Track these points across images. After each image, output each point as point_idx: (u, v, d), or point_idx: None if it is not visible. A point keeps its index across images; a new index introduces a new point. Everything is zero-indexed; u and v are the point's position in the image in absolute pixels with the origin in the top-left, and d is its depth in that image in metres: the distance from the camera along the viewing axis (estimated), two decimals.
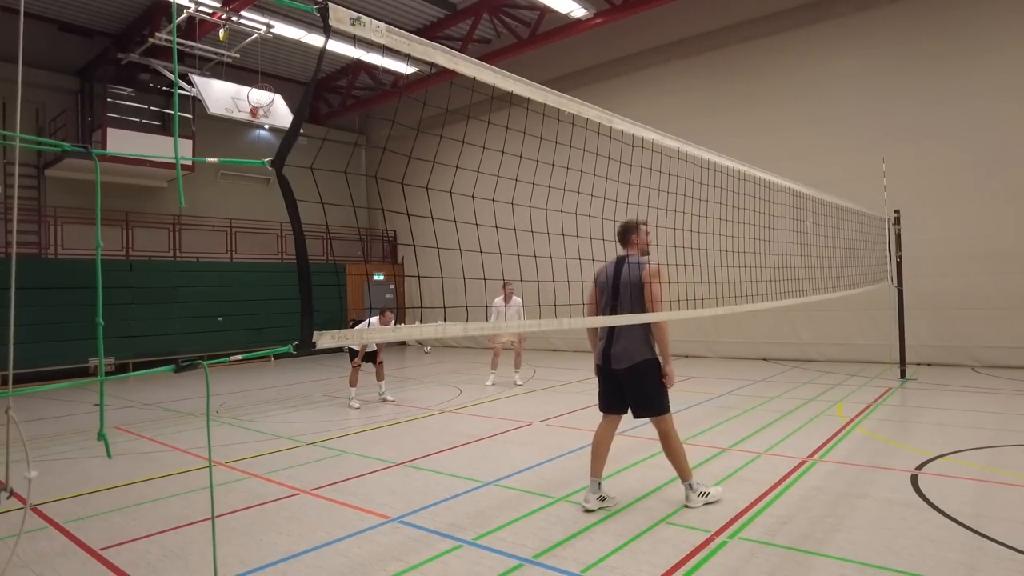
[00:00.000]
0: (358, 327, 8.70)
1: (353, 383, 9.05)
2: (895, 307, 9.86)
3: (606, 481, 4.99)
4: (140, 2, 13.83)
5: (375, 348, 9.30)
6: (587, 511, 4.30)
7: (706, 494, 4.40)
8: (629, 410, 4.41)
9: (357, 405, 8.89)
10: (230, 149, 17.52)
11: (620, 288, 4.33)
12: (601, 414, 4.54)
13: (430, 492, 4.91)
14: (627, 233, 4.53)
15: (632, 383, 4.30)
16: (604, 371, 4.42)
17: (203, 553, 3.83)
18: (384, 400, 9.23)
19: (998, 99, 10.56)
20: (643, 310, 4.23)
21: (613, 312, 4.31)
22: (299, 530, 4.19)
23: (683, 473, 4.41)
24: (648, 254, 4.56)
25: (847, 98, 12.03)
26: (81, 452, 6.66)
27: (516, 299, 10.17)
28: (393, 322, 9.22)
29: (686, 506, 4.36)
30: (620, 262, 4.45)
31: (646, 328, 4.28)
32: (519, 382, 10.50)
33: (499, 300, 10.21)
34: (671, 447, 4.37)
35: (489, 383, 10.50)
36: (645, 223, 4.59)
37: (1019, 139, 10.38)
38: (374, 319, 9.19)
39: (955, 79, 10.96)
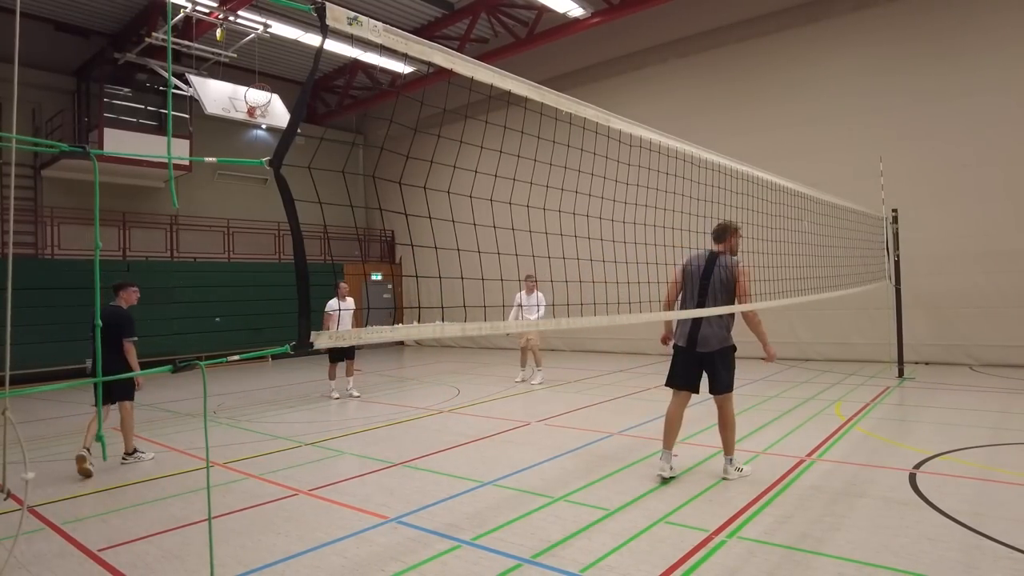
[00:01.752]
0: (332, 324, 8.90)
1: (332, 377, 9.94)
2: (893, 306, 9.88)
3: (609, 479, 5.08)
4: (137, 2, 13.80)
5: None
6: (664, 479, 4.87)
7: (740, 469, 4.92)
8: (700, 388, 4.95)
9: (337, 396, 9.75)
10: (227, 149, 17.50)
11: (709, 287, 4.87)
12: (672, 392, 5.01)
13: (428, 492, 4.91)
14: (724, 233, 5.04)
15: (714, 364, 4.86)
16: (687, 352, 4.92)
17: (201, 554, 3.82)
18: (351, 396, 9.78)
19: (996, 97, 10.58)
20: (729, 303, 4.80)
21: (700, 306, 4.86)
22: (297, 531, 4.18)
23: (728, 447, 4.93)
24: (736, 254, 5.04)
25: (845, 97, 12.04)
26: None
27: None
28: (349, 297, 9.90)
29: (724, 478, 4.86)
30: (712, 260, 4.92)
31: (728, 317, 4.88)
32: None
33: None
34: (728, 420, 4.90)
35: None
36: (739, 228, 5.12)
37: (1017, 137, 10.41)
38: (332, 302, 9.51)
39: (953, 77, 10.98)
